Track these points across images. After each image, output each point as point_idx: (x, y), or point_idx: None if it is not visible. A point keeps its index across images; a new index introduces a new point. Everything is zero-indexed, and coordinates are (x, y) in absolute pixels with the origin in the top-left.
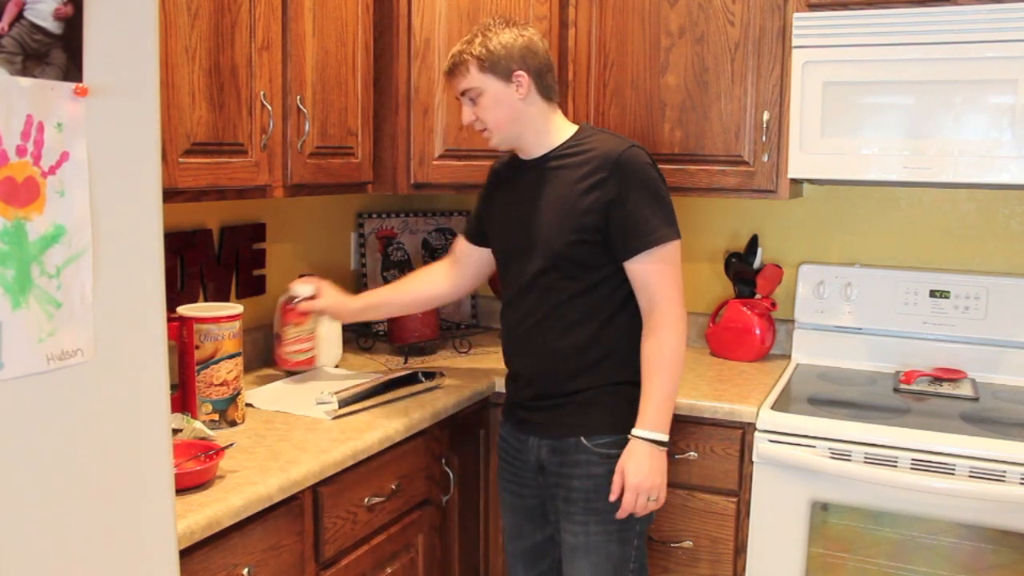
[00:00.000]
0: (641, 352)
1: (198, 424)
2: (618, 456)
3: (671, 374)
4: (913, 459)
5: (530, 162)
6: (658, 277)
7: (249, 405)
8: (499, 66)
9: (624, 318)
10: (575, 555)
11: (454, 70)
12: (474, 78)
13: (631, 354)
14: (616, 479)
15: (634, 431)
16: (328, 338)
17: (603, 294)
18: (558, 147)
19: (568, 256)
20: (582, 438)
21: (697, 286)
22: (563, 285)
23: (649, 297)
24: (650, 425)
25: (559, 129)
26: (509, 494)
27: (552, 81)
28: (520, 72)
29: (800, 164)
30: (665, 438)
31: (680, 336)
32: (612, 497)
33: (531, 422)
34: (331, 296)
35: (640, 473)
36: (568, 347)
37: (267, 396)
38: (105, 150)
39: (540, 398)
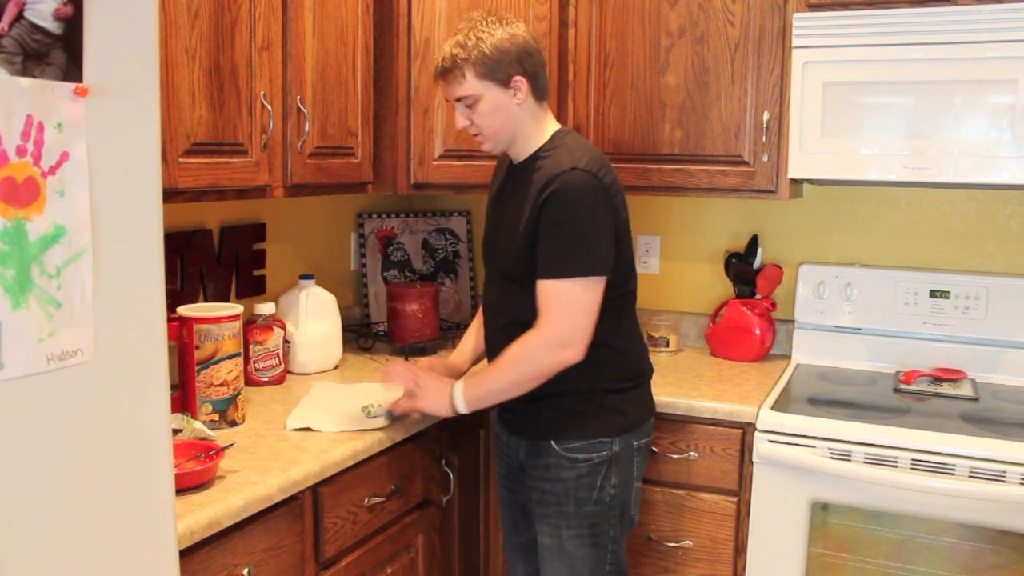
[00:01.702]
0: (511, 343)
1: (198, 424)
2: (587, 461)
3: (515, 376)
4: (913, 459)
5: (515, 164)
6: (544, 301)
7: (305, 429)
8: (498, 72)
9: (598, 326)
10: (551, 556)
11: (448, 75)
12: (470, 85)
13: (606, 361)
14: (408, 385)
15: (456, 388)
16: (327, 339)
17: None
18: (532, 154)
19: (525, 270)
20: (552, 442)
21: (697, 286)
22: (523, 295)
23: (539, 313)
24: (470, 398)
25: (541, 132)
26: (505, 490)
27: (545, 80)
28: (519, 77)
29: (800, 164)
30: (462, 411)
31: (546, 358)
32: (387, 385)
33: (511, 422)
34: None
35: (427, 406)
36: None
37: (303, 416)
38: (105, 150)
39: (520, 400)
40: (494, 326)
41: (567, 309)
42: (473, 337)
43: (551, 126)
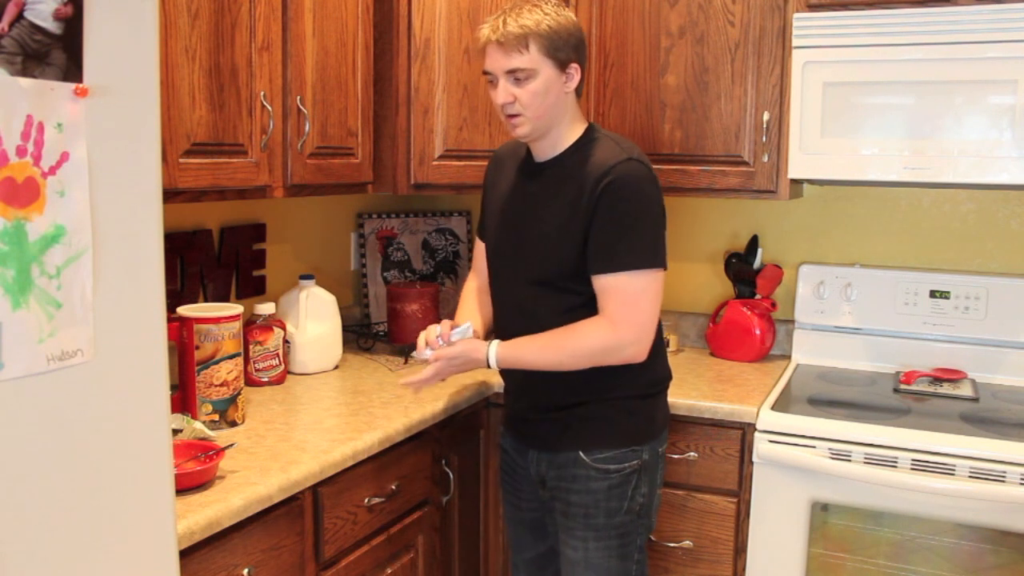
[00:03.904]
0: (575, 323)
1: (198, 424)
2: (618, 472)
3: (562, 361)
4: (913, 459)
5: (537, 163)
6: (611, 294)
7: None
8: (560, 52)
9: None
10: (575, 570)
11: (509, 44)
12: (533, 58)
13: (633, 368)
14: (431, 341)
15: (493, 346)
16: (327, 340)
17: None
18: (566, 150)
19: (564, 271)
20: (580, 453)
21: (697, 286)
22: (560, 298)
23: (601, 310)
24: (505, 355)
25: (574, 128)
26: (510, 506)
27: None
28: (575, 65)
29: (800, 164)
30: (493, 365)
31: (600, 350)
32: (418, 352)
33: (530, 435)
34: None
35: (456, 368)
36: None
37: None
38: (105, 150)
39: (538, 410)
40: (523, 331)
41: (639, 304)
42: (475, 316)
43: (580, 123)
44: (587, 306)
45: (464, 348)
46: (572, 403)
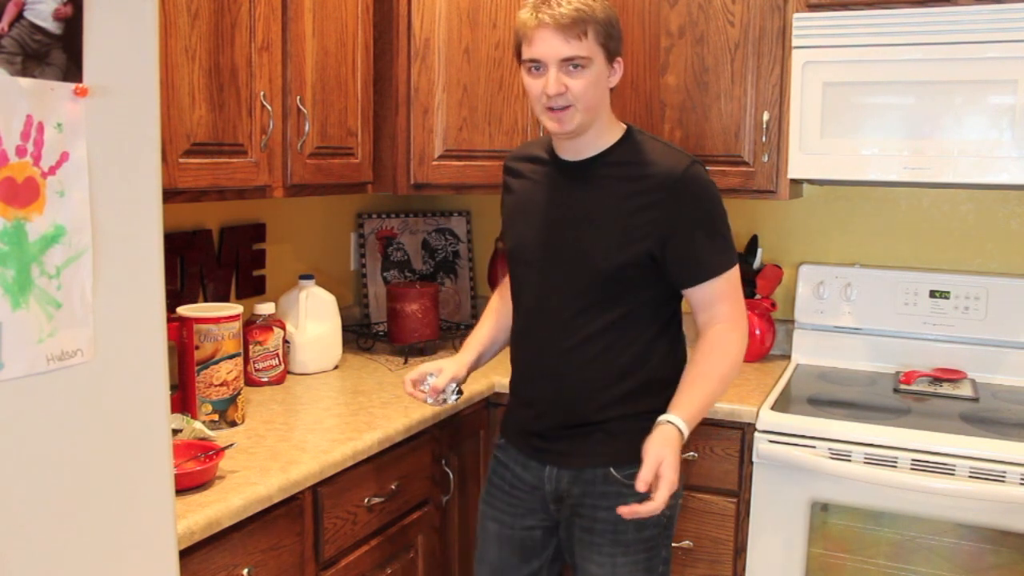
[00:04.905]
0: (704, 339)
1: (198, 424)
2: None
3: (724, 379)
4: (913, 459)
5: (574, 162)
6: (721, 298)
7: None
8: (611, 43)
9: (663, 344)
10: None
11: (569, 28)
12: (591, 46)
13: (667, 382)
14: (649, 471)
15: (670, 416)
16: (327, 340)
17: (644, 318)
18: (608, 150)
19: (615, 279)
20: (611, 469)
21: None
22: (603, 308)
23: (713, 315)
24: (685, 415)
25: (612, 125)
26: (498, 524)
27: None
28: (620, 59)
29: (800, 164)
30: (686, 435)
31: (741, 351)
32: (641, 488)
33: (550, 451)
34: (449, 368)
35: (675, 468)
36: (601, 376)
37: None
38: (105, 150)
39: (562, 427)
40: (564, 341)
41: (741, 300)
42: (483, 343)
43: (616, 124)
44: (629, 317)
45: (659, 447)
46: (601, 419)
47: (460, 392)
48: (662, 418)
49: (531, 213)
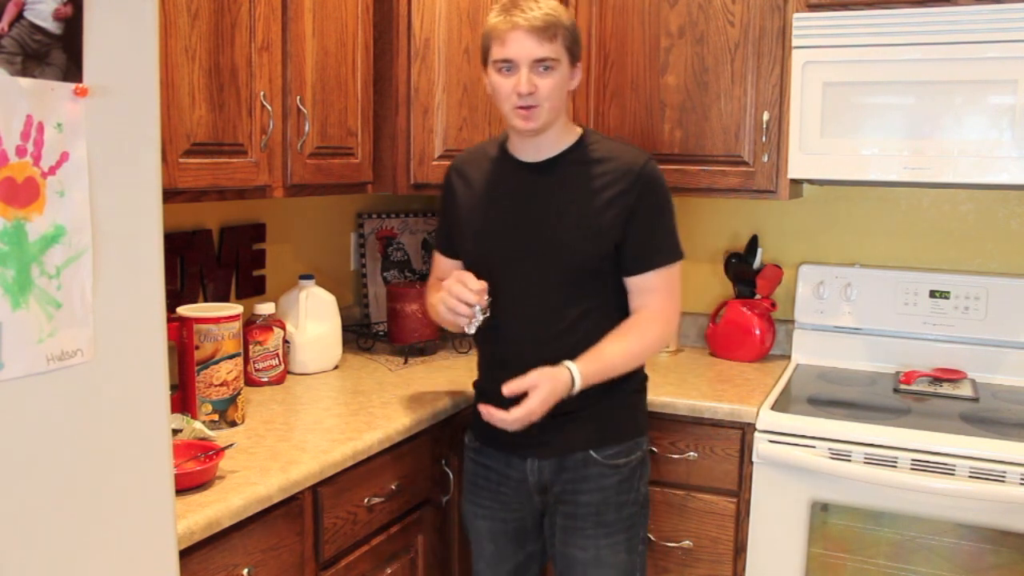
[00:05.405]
0: (630, 318)
1: (198, 424)
2: (627, 465)
3: (632, 356)
4: (913, 459)
5: (535, 162)
6: (656, 290)
7: None
8: (574, 48)
9: None
10: (585, 570)
11: (543, 30)
12: (559, 49)
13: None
14: (521, 386)
15: (571, 363)
16: (327, 340)
17: (617, 307)
18: (569, 149)
19: (589, 269)
20: (591, 452)
21: (697, 286)
22: (578, 299)
23: (644, 304)
24: (585, 370)
25: (570, 125)
26: (489, 521)
27: None
28: (579, 65)
29: (800, 164)
30: (578, 389)
31: (660, 342)
32: (505, 391)
33: (528, 444)
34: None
35: (546, 404)
36: None
37: None
38: (105, 150)
39: (545, 418)
40: (541, 335)
41: (677, 296)
42: None
43: (572, 126)
44: (604, 307)
45: (544, 377)
46: (581, 407)
47: (488, 313)
48: (565, 362)
49: (494, 213)
